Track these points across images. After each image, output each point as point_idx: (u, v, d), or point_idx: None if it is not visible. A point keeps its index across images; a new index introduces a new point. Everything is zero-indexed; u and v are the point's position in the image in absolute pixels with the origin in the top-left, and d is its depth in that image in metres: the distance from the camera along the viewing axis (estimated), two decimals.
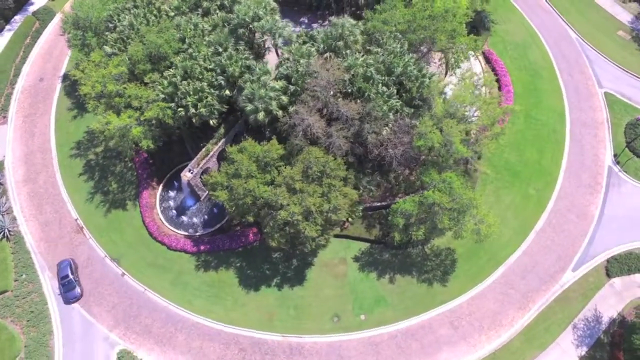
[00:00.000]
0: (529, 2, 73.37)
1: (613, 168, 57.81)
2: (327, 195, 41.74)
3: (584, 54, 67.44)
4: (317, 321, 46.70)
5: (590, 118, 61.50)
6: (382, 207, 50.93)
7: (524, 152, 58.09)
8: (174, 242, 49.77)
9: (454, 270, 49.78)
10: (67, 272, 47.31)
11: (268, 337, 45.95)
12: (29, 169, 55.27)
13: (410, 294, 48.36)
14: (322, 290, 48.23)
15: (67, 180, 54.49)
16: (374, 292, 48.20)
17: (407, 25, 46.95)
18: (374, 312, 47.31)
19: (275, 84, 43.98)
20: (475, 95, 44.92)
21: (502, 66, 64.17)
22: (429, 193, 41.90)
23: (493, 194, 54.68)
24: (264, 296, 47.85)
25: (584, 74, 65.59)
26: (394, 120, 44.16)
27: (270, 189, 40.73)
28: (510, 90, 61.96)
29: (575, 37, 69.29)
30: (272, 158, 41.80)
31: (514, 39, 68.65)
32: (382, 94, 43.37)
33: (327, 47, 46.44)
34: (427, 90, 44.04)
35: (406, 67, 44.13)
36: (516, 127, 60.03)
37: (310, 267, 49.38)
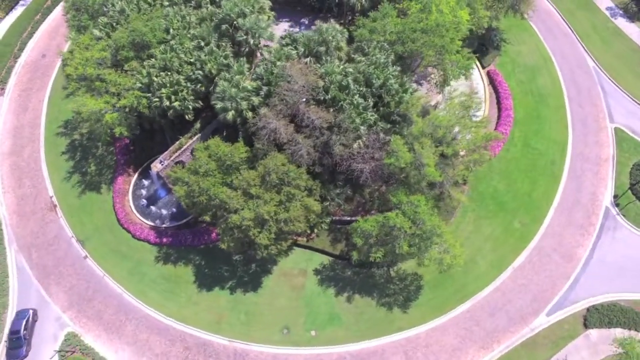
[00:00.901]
0: (547, 24, 69.35)
1: (611, 210, 53.64)
2: (285, 204, 40.51)
3: (599, 84, 63.03)
4: (267, 330, 45.60)
5: (594, 154, 57.31)
6: (352, 222, 49.18)
7: (514, 182, 54.75)
8: (139, 231, 49.85)
9: (417, 297, 47.45)
10: (19, 328, 43.47)
11: (215, 340, 45.22)
12: (16, 142, 56.79)
13: (367, 316, 46.45)
14: (277, 300, 47.06)
15: (50, 157, 55.61)
16: (329, 309, 46.58)
17: (397, 36, 44.87)
18: (326, 330, 45.72)
19: (247, 84, 43.04)
20: (458, 116, 42.39)
21: (506, 88, 60.78)
22: (391, 215, 39.89)
23: (473, 223, 51.77)
24: (217, 297, 47.14)
25: (595, 106, 61.30)
26: (366, 134, 42.31)
27: (226, 191, 39.89)
28: (510, 114, 58.61)
29: (592, 65, 64.87)
30: (234, 160, 40.92)
31: (525, 61, 64.93)
32: (357, 105, 41.58)
33: (308, 51, 45.04)
34: (405, 106, 41.88)
35: (387, 79, 42.13)
36: (511, 154, 56.73)
37: (268, 275, 48.29)
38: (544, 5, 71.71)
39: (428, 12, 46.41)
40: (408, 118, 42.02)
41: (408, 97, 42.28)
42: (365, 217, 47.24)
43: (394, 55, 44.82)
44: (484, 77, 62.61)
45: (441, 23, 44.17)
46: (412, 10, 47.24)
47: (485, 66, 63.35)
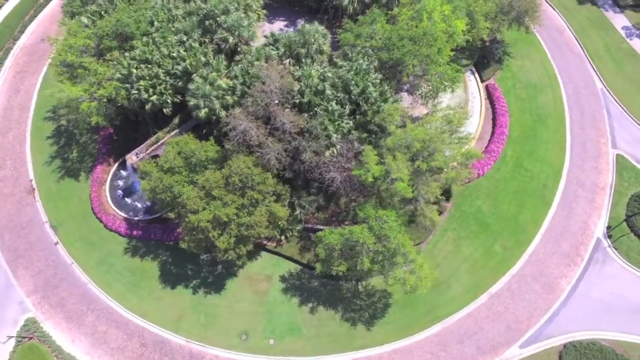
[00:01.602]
0: (557, 41, 66.15)
1: (602, 241, 50.56)
2: (249, 208, 39.46)
3: (605, 107, 59.67)
4: (225, 334, 44.68)
5: (591, 180, 54.19)
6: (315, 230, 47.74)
7: (501, 203, 52.22)
8: (111, 221, 49.69)
9: (384, 315, 45.66)
10: None
11: (172, 339, 44.57)
12: (4, 123, 57.54)
13: (328, 329, 44.97)
14: (239, 304, 46.07)
15: (35, 140, 56.14)
16: (290, 319, 45.31)
17: (383, 43, 43.13)
18: (285, 340, 44.48)
19: (222, 83, 42.14)
20: (438, 131, 40.34)
21: (503, 104, 58.12)
22: (356, 229, 38.30)
23: (452, 243, 49.60)
24: (180, 295, 46.50)
25: (598, 129, 58.03)
26: (340, 142, 40.79)
27: (188, 190, 39.10)
28: (504, 132, 55.97)
29: (601, 87, 61.48)
30: (200, 159, 40.08)
31: (528, 78, 62.04)
32: (332, 112, 40.12)
33: (289, 52, 43.79)
34: (382, 115, 40.14)
35: (366, 87, 40.50)
36: (500, 174, 54.17)
37: (233, 277, 47.35)
38: (556, 21, 68.53)
39: (419, 20, 44.52)
40: (385, 129, 40.30)
41: (387, 106, 40.54)
42: (336, 227, 45.89)
43: (377, 62, 43.12)
44: (481, 90, 60.09)
45: (429, 32, 42.22)
46: (402, 17, 45.43)
47: (485, 79, 60.80)
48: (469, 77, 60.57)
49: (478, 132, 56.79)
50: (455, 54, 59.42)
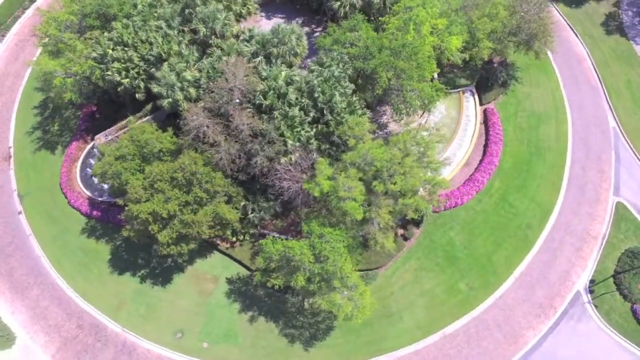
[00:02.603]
0: (574, 70, 60.87)
1: (582, 296, 45.86)
2: (193, 206, 38.15)
3: (614, 149, 54.27)
4: (161, 329, 43.71)
5: (582, 227, 49.32)
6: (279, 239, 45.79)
7: (476, 238, 48.37)
8: (74, 198, 49.84)
9: (325, 338, 43.24)
10: None
11: (109, 325, 44.09)
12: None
13: (265, 342, 43.07)
14: (181, 300, 44.96)
15: (22, 109, 57.28)
16: (229, 325, 43.74)
17: (361, 51, 40.50)
18: (219, 345, 42.98)
19: (188, 74, 40.96)
20: (402, 152, 37.33)
21: (499, 131, 53.91)
22: (296, 244, 36.12)
23: (413, 272, 46.36)
24: (126, 283, 45.92)
25: (602, 172, 52.83)
26: (296, 150, 38.66)
27: (134, 179, 38.23)
28: (494, 161, 51.83)
29: (613, 126, 56.03)
30: (152, 150, 39.07)
31: (533, 106, 57.40)
32: (292, 117, 38.04)
33: (262, 50, 42.02)
34: (342, 128, 37.59)
35: (332, 96, 38.08)
36: (482, 206, 50.23)
37: (180, 273, 46.27)
38: (577, 49, 63.18)
39: (405, 32, 41.59)
40: (346, 143, 37.74)
41: (351, 119, 37.96)
42: (292, 237, 43.92)
43: (353, 71, 40.62)
44: (478, 114, 56.14)
45: (408, 44, 39.19)
46: (389, 26, 42.63)
47: (484, 103, 56.71)
48: (467, 98, 56.76)
49: (466, 157, 53.02)
50: (455, 72, 56.41)
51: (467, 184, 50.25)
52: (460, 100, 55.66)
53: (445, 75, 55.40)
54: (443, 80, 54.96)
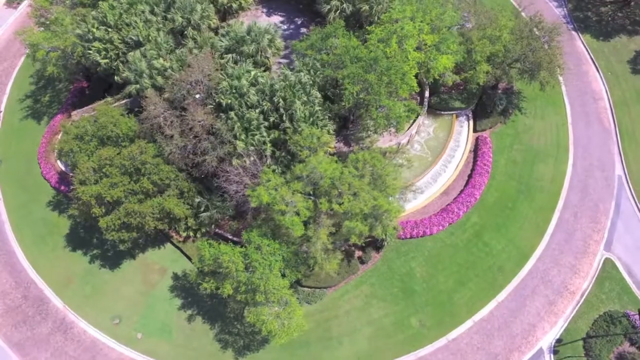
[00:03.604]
0: (587, 108, 55.84)
1: (544, 355, 41.71)
2: (139, 195, 37.54)
3: (615, 199, 49.27)
4: (101, 313, 43.52)
5: (561, 280, 44.97)
6: (233, 241, 44.57)
7: (439, 273, 45.11)
8: (47, 170, 50.65)
9: (258, 350, 41.45)
10: None
11: (53, 300, 44.39)
12: (2, 53, 61.08)
13: (198, 344, 41.96)
14: (125, 287, 44.59)
15: (20, 76, 58.82)
16: (166, 319, 42.91)
17: (335, 59, 38.33)
18: (152, 338, 42.26)
19: (156, 62, 40.32)
20: (355, 173, 34.83)
21: (487, 163, 50.18)
22: (228, 249, 34.70)
23: (363, 298, 43.75)
24: (77, 261, 46.06)
25: (595, 223, 48.03)
26: (251, 154, 37.10)
27: (84, 159, 38.05)
28: (475, 194, 48.22)
29: (619, 174, 50.91)
30: (107, 133, 38.71)
31: (532, 141, 53.08)
32: (248, 119, 36.54)
33: (236, 47, 40.69)
34: (295, 137, 35.63)
35: (291, 103, 36.26)
36: (452, 240, 46.81)
37: (130, 259, 45.92)
38: (595, 85, 57.98)
39: (386, 45, 39.05)
40: (297, 154, 35.83)
41: (307, 129, 35.96)
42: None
43: (322, 79, 38.60)
44: (469, 140, 52.49)
45: (380, 58, 36.58)
46: (372, 37, 40.22)
47: (479, 130, 53.00)
48: (461, 122, 53.28)
49: (446, 185, 49.70)
50: (452, 93, 53.03)
51: (441, 214, 47.00)
52: (452, 124, 52.34)
53: (439, 96, 52.33)
54: (436, 101, 52.17)
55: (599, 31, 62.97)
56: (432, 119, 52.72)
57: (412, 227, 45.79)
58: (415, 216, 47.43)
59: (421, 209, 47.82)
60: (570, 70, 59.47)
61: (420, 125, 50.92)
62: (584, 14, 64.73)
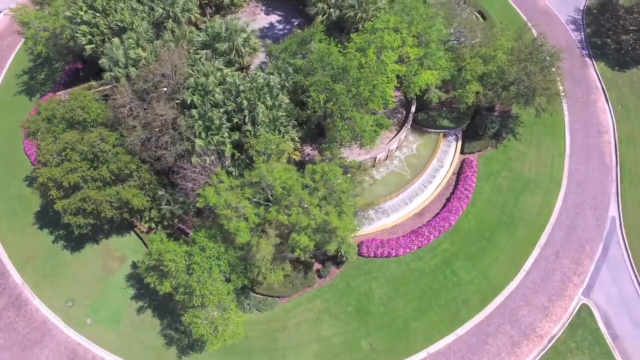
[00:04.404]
0: (589, 141, 52.20)
1: None
2: (97, 183, 37.44)
3: (603, 242, 45.83)
4: (56, 294, 43.76)
5: (530, 321, 42.09)
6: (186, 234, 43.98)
7: (399, 297, 43.02)
8: (29, 146, 51.36)
9: (201, 351, 40.46)
10: None
11: (13, 275, 44.93)
12: (8, 28, 62.33)
13: (144, 337, 41.49)
14: (84, 271, 44.75)
15: (21, 53, 59.87)
16: (117, 308, 42.75)
17: (307, 64, 36.92)
18: (100, 325, 42.15)
19: (132, 52, 40.03)
20: (298, 185, 33.16)
21: (469, 188, 47.56)
22: (173, 247, 33.96)
23: (315, 314, 42.12)
24: (43, 239, 46.49)
25: (578, 264, 44.78)
26: (209, 154, 36.28)
27: (49, 140, 38.19)
28: (449, 219, 45.72)
29: (613, 216, 47.33)
30: (72, 117, 38.70)
31: (523, 169, 50.09)
32: (210, 118, 35.68)
33: (212, 43, 39.84)
34: (251, 143, 34.36)
35: (254, 106, 35.10)
36: (418, 265, 44.58)
37: (94, 244, 46.02)
38: (602, 117, 54.20)
39: (363, 55, 37.34)
40: (252, 159, 34.70)
41: (264, 135, 34.72)
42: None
43: (291, 84, 37.28)
44: (454, 162, 50.00)
45: (350, 67, 34.81)
46: (350, 45, 38.57)
47: (466, 152, 50.41)
48: (448, 142, 50.88)
49: (422, 206, 47.47)
50: (443, 110, 50.60)
51: (410, 235, 44.86)
52: (437, 142, 49.95)
53: (427, 112, 50.06)
54: (423, 117, 49.95)
55: (615, 60, 58.95)
56: (417, 135, 50.51)
57: (377, 246, 43.95)
58: (382, 235, 45.54)
59: (390, 228, 45.86)
60: (578, 98, 56.13)
61: (402, 141, 48.90)
62: (602, 41, 60.80)
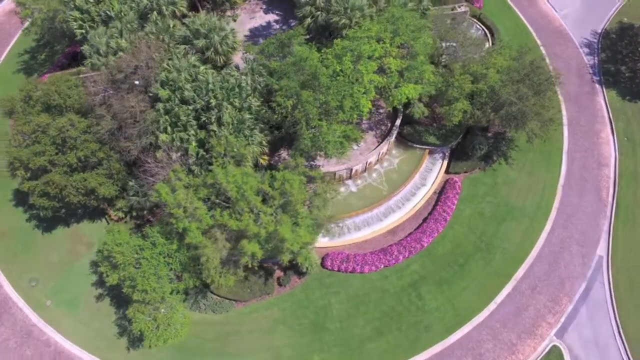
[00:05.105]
0: (588, 174, 49.06)
1: None
2: (64, 167, 37.66)
3: (586, 282, 43.09)
4: (22, 272, 44.31)
5: (493, 358, 39.72)
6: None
7: (358, 316, 41.31)
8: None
9: (150, 346, 40.20)
10: None
11: None
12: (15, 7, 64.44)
13: (99, 325, 41.44)
14: (52, 252, 45.08)
15: (26, 31, 61.59)
16: (77, 293, 42.92)
17: (281, 68, 35.84)
18: (59, 308, 42.41)
19: (112, 42, 39.95)
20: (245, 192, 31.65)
21: (448, 210, 45.45)
22: (125, 238, 33.69)
23: (270, 322, 41.02)
24: (17, 216, 46.99)
25: (555, 303, 42.18)
26: (174, 150, 35.79)
27: (22, 121, 38.61)
28: (422, 241, 43.83)
29: (601, 255, 44.43)
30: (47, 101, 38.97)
31: (510, 196, 47.53)
32: (176, 114, 35.13)
33: (188, 39, 39.30)
34: (212, 142, 33.46)
35: (221, 106, 34.25)
36: (383, 284, 42.84)
37: (65, 226, 46.36)
38: (604, 149, 50.82)
39: (339, 62, 35.99)
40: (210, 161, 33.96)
41: (225, 136, 33.81)
42: None
43: (262, 87, 36.33)
44: (438, 180, 47.95)
45: (321, 74, 33.44)
46: (329, 51, 37.25)
47: (451, 171, 48.28)
48: (434, 159, 48.85)
49: (396, 224, 45.68)
50: (433, 126, 48.56)
51: (378, 253, 43.22)
52: (421, 159, 48.03)
53: (414, 127, 48.16)
54: (409, 131, 48.09)
55: (627, 89, 55.32)
56: (401, 150, 48.70)
57: (342, 260, 42.55)
58: (350, 249, 44.10)
59: (360, 242, 44.35)
60: (581, 126, 53.00)
61: (384, 154, 47.23)
62: (616, 67, 57.20)
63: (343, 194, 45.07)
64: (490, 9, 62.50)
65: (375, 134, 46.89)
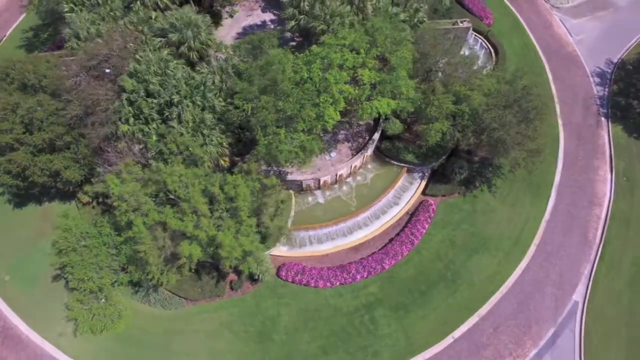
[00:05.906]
0: (577, 210, 46.25)
1: None
2: (30, 147, 38.10)
3: (555, 327, 40.28)
4: None
5: None
6: None
7: (306, 331, 39.95)
8: None
9: (101, 333, 39.37)
10: None
11: None
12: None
13: (51, 305, 41.38)
14: (20, 228, 45.18)
15: (31, 13, 62.89)
16: (36, 272, 43.02)
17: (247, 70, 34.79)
18: (16, 285, 42.85)
19: (92, 28, 39.98)
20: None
21: (417, 234, 43.36)
22: (78, 224, 33.69)
23: (216, 325, 40.13)
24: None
25: (517, 345, 39.78)
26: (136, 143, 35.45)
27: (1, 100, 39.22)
28: (383, 262, 41.87)
29: (577, 300, 41.50)
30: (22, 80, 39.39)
31: (487, 226, 45.03)
32: (138, 107, 34.70)
33: (163, 33, 38.82)
34: (166, 139, 32.84)
35: (180, 102, 33.53)
36: (337, 301, 41.24)
37: (36, 204, 46.61)
38: (598, 187, 47.44)
39: (307, 69, 34.64)
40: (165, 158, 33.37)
41: (175, 134, 33.06)
42: None
43: (228, 87, 35.45)
44: (412, 201, 45.84)
45: (281, 80, 32.15)
46: (300, 56, 35.97)
47: (428, 193, 46.11)
48: (412, 178, 46.79)
49: (361, 241, 43.93)
50: (413, 144, 46.43)
51: (335, 270, 41.64)
52: (397, 177, 46.07)
53: (393, 142, 46.23)
54: (387, 146, 46.23)
55: (636, 126, 51.43)
56: (378, 165, 46.88)
57: (297, 272, 41.26)
58: (309, 261, 42.72)
59: (320, 256, 42.87)
60: (577, 160, 49.65)
61: (358, 168, 45.55)
62: (627, 101, 53.28)
63: (309, 204, 43.81)
64: (500, 27, 59.57)
65: (352, 146, 45.28)
